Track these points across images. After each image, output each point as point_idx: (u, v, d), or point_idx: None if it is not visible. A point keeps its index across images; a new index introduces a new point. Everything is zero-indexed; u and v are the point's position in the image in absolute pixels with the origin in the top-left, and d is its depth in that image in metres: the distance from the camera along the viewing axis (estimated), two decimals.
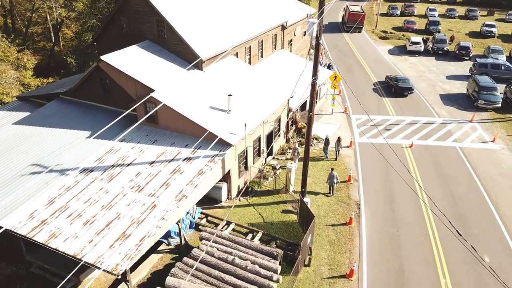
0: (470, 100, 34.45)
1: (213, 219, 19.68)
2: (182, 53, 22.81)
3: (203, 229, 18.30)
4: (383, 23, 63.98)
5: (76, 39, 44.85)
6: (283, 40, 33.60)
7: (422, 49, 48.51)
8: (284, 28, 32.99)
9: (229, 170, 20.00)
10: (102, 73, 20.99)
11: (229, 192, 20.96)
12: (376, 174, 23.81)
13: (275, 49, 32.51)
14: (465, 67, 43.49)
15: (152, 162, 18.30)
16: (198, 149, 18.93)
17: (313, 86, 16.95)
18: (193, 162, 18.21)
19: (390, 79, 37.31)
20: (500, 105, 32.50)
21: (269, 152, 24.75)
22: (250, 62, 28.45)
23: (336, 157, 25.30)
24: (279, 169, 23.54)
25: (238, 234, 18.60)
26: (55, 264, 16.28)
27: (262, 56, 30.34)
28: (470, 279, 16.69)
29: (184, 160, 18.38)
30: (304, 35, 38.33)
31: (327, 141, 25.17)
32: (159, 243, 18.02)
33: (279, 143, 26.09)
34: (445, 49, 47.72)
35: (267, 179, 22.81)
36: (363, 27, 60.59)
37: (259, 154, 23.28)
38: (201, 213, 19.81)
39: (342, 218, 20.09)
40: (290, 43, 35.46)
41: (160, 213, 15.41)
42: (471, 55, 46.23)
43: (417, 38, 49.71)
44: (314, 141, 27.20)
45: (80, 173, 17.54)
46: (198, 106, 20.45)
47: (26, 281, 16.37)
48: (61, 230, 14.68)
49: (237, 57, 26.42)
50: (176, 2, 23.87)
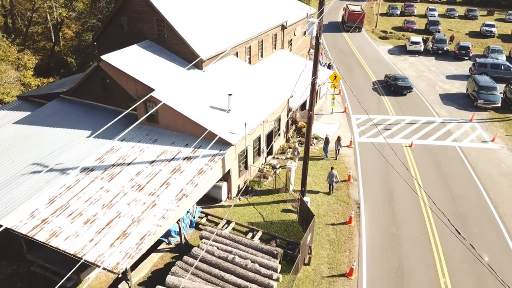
0: (470, 100, 34.51)
1: (213, 218, 19.74)
2: (182, 53, 22.87)
3: (203, 228, 18.36)
4: (383, 23, 64.03)
5: (77, 39, 44.90)
6: (283, 40, 33.66)
7: (422, 49, 48.55)
8: (284, 28, 33.04)
9: (229, 170, 20.06)
10: (103, 73, 21.04)
11: (229, 192, 21.02)
12: (376, 174, 23.86)
13: (275, 49, 32.56)
14: (465, 67, 43.54)
15: (153, 161, 18.35)
16: (198, 149, 18.98)
17: (313, 86, 17.00)
18: (193, 161, 18.27)
19: (389, 78, 37.39)
20: (500, 105, 32.57)
21: (269, 152, 24.81)
22: (250, 62, 28.50)
23: (336, 157, 25.36)
24: (279, 169, 23.60)
25: (238, 233, 18.65)
26: (56, 263, 16.32)
27: (262, 56, 30.40)
28: (470, 278, 16.75)
29: (184, 159, 18.44)
30: (304, 35, 38.39)
31: (327, 141, 25.23)
32: (160, 242, 18.07)
33: (279, 143, 26.15)
34: (445, 49, 47.77)
35: (267, 179, 22.87)
36: (363, 27, 60.65)
37: (259, 154, 23.33)
38: (201, 212, 19.86)
39: (342, 217, 20.15)
40: (290, 43, 35.51)
41: (161, 212, 15.47)
42: (471, 55, 46.29)
43: (417, 38, 49.76)
44: (314, 141, 27.26)
45: (81, 172, 17.60)
46: (198, 106, 20.50)
47: (27, 280, 16.42)
48: (62, 229, 14.73)
49: (237, 57, 26.48)
50: (176, 2, 23.93)
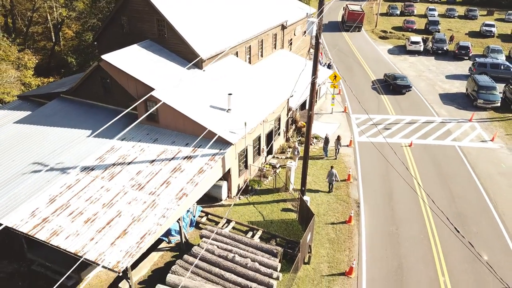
0: (469, 100, 34.55)
1: (214, 217, 19.79)
2: (183, 53, 22.92)
3: (204, 227, 18.41)
4: (383, 23, 64.08)
5: (77, 39, 44.94)
6: (283, 40, 33.71)
7: (422, 49, 48.59)
8: (284, 28, 33.09)
9: (229, 169, 20.11)
10: (103, 72, 21.09)
11: (229, 191, 21.06)
12: (376, 173, 23.91)
13: (275, 49, 32.61)
14: (465, 67, 43.59)
15: (153, 161, 18.41)
16: (199, 148, 19.03)
17: (313, 85, 17.03)
18: (194, 161, 18.32)
19: (388, 77, 37.58)
20: (499, 105, 32.61)
21: (269, 151, 24.86)
22: (250, 62, 28.55)
23: (336, 156, 25.41)
24: (279, 168, 23.66)
25: (238, 232, 18.70)
26: (57, 262, 16.38)
27: (262, 56, 30.45)
28: (469, 277, 16.80)
29: (185, 159, 18.49)
30: (304, 35, 38.43)
31: (327, 140, 25.27)
32: (160, 241, 18.11)
33: (279, 142, 26.20)
34: (445, 49, 47.82)
35: (267, 178, 22.92)
36: (363, 26, 60.73)
37: (259, 153, 23.38)
38: (202, 212, 19.91)
39: (342, 217, 20.20)
40: (290, 43, 35.56)
41: (161, 211, 15.52)
42: (471, 55, 46.33)
43: (417, 38, 49.81)
44: (314, 140, 27.31)
45: (81, 172, 17.65)
46: (199, 105, 20.55)
47: (28, 279, 16.47)
48: (63, 228, 14.79)
49: (237, 57, 26.52)
50: (177, 2, 23.98)
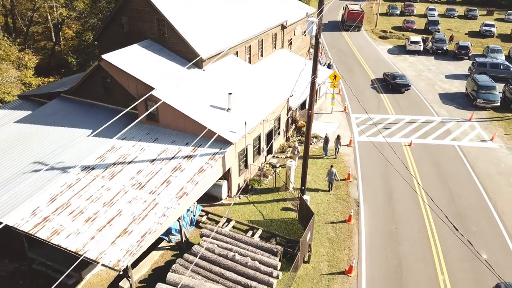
0: (469, 99, 34.60)
1: (214, 217, 19.85)
2: (183, 52, 22.97)
3: (204, 226, 18.46)
4: (383, 23, 64.14)
5: (77, 39, 44.98)
6: (283, 40, 33.76)
7: (422, 49, 48.65)
8: (284, 28, 33.14)
9: (229, 168, 20.16)
10: (103, 72, 21.14)
11: (230, 190, 21.12)
12: (375, 172, 23.97)
13: (275, 48, 32.66)
14: (464, 67, 43.64)
15: (153, 160, 18.46)
16: (199, 147, 19.08)
17: (313, 85, 17.09)
18: (194, 160, 18.38)
19: (388, 76, 37.87)
20: (499, 104, 32.66)
21: (269, 151, 24.91)
22: (250, 61, 28.60)
23: (336, 155, 25.46)
24: (279, 168, 23.71)
25: (239, 231, 18.76)
26: (57, 261, 16.41)
27: (262, 55, 30.50)
28: (468, 276, 16.85)
29: (185, 158, 18.54)
30: (304, 34, 38.48)
31: (327, 140, 25.32)
32: (160, 240, 18.16)
33: (279, 142, 26.25)
34: (445, 49, 47.86)
35: (267, 177, 22.97)
36: (362, 26, 60.83)
37: (259, 153, 23.43)
38: (202, 211, 19.96)
39: (342, 216, 20.25)
40: (290, 43, 35.61)
41: (161, 210, 15.58)
42: (470, 55, 46.38)
43: (417, 38, 49.86)
44: (314, 140, 27.36)
45: (82, 171, 17.71)
46: (199, 105, 20.61)
47: (29, 278, 16.52)
48: (63, 227, 14.84)
49: (237, 56, 26.58)
50: (177, 2, 24.03)
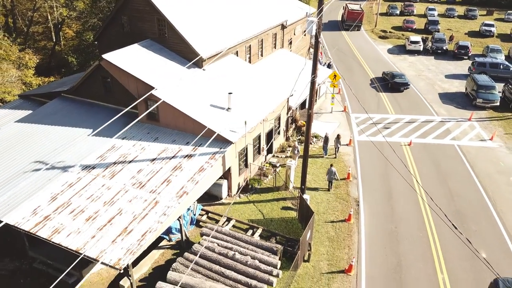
0: (469, 99, 34.66)
1: (214, 216, 19.91)
2: (183, 52, 23.03)
3: (204, 225, 18.52)
4: (383, 23, 64.20)
5: (77, 39, 45.07)
6: (283, 39, 33.81)
7: (421, 49, 48.73)
8: (284, 27, 33.20)
9: (230, 168, 20.22)
10: (104, 72, 21.20)
11: (230, 189, 21.18)
12: (375, 172, 24.02)
13: (275, 48, 32.72)
14: (464, 66, 43.70)
15: (153, 159, 18.52)
16: (199, 147, 19.14)
17: (313, 84, 17.15)
18: (194, 159, 18.44)
19: (387, 75, 38.08)
20: (498, 104, 32.72)
21: (269, 150, 24.96)
22: (250, 61, 28.66)
23: (336, 155, 25.52)
24: (279, 167, 23.77)
25: (239, 230, 18.82)
26: (58, 260, 16.47)
27: (262, 55, 30.55)
28: (468, 275, 16.91)
29: (185, 157, 18.60)
30: (304, 34, 38.54)
31: (327, 139, 25.38)
32: (161, 239, 18.22)
33: (279, 141, 26.31)
34: (444, 49, 47.92)
35: (267, 177, 23.03)
36: (362, 26, 60.93)
37: (259, 152, 23.49)
38: (202, 210, 20.02)
39: (341, 215, 20.31)
40: (290, 42, 35.66)
41: (162, 209, 15.63)
42: (470, 54, 46.44)
43: (417, 38, 49.92)
44: (314, 139, 27.41)
45: (82, 170, 17.77)
46: (199, 104, 20.66)
47: (30, 277, 16.58)
48: (64, 226, 14.90)
49: (237, 56, 26.63)
50: (177, 1, 24.08)
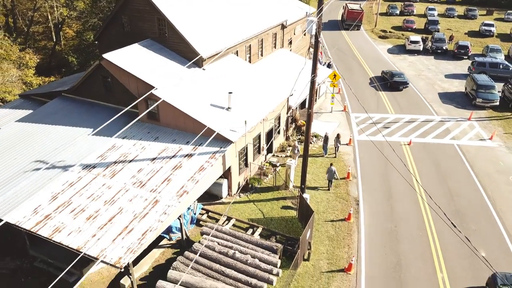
0: (468, 99, 34.71)
1: (214, 215, 19.96)
2: (183, 52, 23.08)
3: (204, 225, 18.57)
4: (383, 23, 64.24)
5: (77, 38, 45.13)
6: (283, 39, 33.86)
7: (421, 48, 48.79)
8: (284, 27, 33.24)
9: (230, 167, 20.27)
10: (104, 71, 21.25)
11: (230, 189, 21.23)
12: (375, 171, 24.08)
13: (275, 48, 32.77)
14: (464, 66, 43.76)
15: (154, 159, 18.57)
16: (199, 146, 19.19)
17: (312, 84, 17.20)
18: (194, 159, 18.49)
19: (386, 74, 38.35)
20: (498, 103, 32.79)
21: (269, 150, 25.02)
22: (250, 61, 28.71)
23: (335, 154, 25.57)
24: (279, 166, 23.82)
25: (239, 229, 18.87)
26: (59, 259, 16.51)
27: (262, 55, 30.61)
28: (467, 274, 16.96)
29: (185, 157, 18.65)
30: (304, 34, 38.59)
31: (326, 139, 25.44)
32: (161, 238, 18.27)
33: (279, 141, 26.36)
34: (444, 48, 47.96)
35: (267, 176, 23.08)
36: (362, 26, 61.04)
37: (259, 152, 23.55)
38: (202, 209, 20.08)
39: (341, 214, 20.37)
40: (290, 42, 35.71)
41: (162, 208, 15.69)
42: (470, 54, 46.49)
43: (416, 37, 49.97)
44: (314, 139, 27.46)
45: (83, 169, 17.82)
46: (199, 104, 20.72)
47: (30, 275, 16.63)
48: (65, 225, 14.96)
49: (238, 56, 26.68)
50: (177, 1, 24.13)
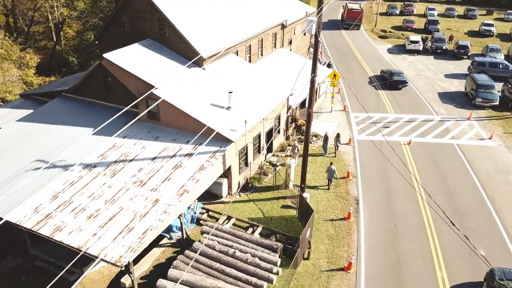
0: (468, 98, 34.77)
1: (214, 214, 20.01)
2: (183, 51, 23.13)
3: (204, 224, 18.61)
4: (383, 22, 64.29)
5: (78, 38, 45.18)
6: (283, 39, 33.91)
7: (421, 48, 48.86)
8: (284, 27, 33.30)
9: (230, 166, 20.33)
10: (105, 71, 21.30)
11: (230, 188, 21.29)
12: (375, 171, 24.13)
13: (275, 48, 32.82)
14: (464, 66, 43.82)
15: (154, 158, 18.63)
16: (199, 145, 19.24)
17: (312, 83, 17.26)
18: (194, 158, 18.54)
19: (385, 73, 38.54)
20: (498, 103, 32.85)
21: (269, 149, 25.07)
22: (250, 60, 28.76)
23: (335, 153, 25.62)
24: (279, 166, 23.87)
25: (239, 229, 18.93)
26: (60, 258, 16.56)
27: (262, 55, 30.66)
28: (466, 273, 17.02)
29: (186, 156, 18.71)
30: (304, 34, 38.65)
31: (326, 138, 25.50)
32: (161, 237, 18.32)
33: (279, 140, 26.41)
34: (444, 48, 48.02)
35: (267, 176, 23.14)
36: (362, 26, 61.13)
37: (259, 151, 23.61)
38: (202, 208, 20.13)
39: (341, 213, 20.42)
40: (290, 42, 35.76)
41: (162, 207, 15.75)
42: (470, 54, 46.55)
43: (416, 37, 50.03)
44: (314, 139, 27.51)
45: (84, 169, 17.88)
46: (199, 103, 20.77)
47: (31, 274, 16.69)
48: (66, 224, 15.01)
49: (238, 55, 26.74)
50: (177, 1, 24.19)
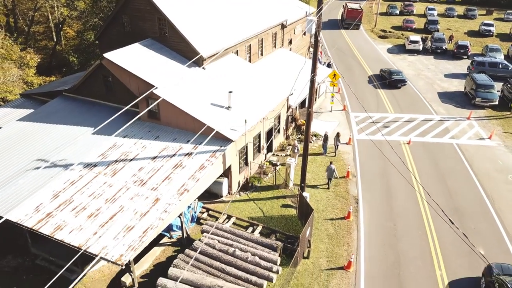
0: (468, 98, 34.82)
1: (214, 213, 20.07)
2: (183, 51, 23.19)
3: (205, 223, 18.67)
4: (382, 22, 64.36)
5: (78, 38, 45.23)
6: (283, 39, 33.97)
7: (421, 48, 48.93)
8: (284, 27, 33.35)
9: (230, 166, 20.39)
10: (105, 71, 21.35)
11: (230, 187, 21.34)
12: (374, 170, 24.19)
13: (275, 48, 32.88)
14: (463, 66, 43.87)
15: (155, 157, 18.69)
16: (200, 145, 19.30)
17: (312, 83, 17.31)
18: (195, 157, 18.60)
19: (384, 72, 38.74)
20: (497, 103, 32.91)
21: (269, 149, 25.13)
22: (250, 60, 28.82)
23: (335, 153, 25.68)
24: (279, 165, 23.93)
25: (239, 228, 18.97)
26: (60, 256, 16.61)
27: (262, 54, 30.71)
28: (466, 272, 17.08)
29: (186, 155, 18.77)
30: (304, 34, 38.70)
31: (326, 138, 25.56)
32: (161, 236, 18.39)
33: (279, 140, 26.47)
34: (444, 48, 48.07)
35: (267, 175, 23.20)
36: (362, 26, 61.24)
37: (259, 150, 23.66)
38: (202, 207, 20.19)
39: (341, 213, 20.48)
40: (290, 42, 35.82)
41: (163, 206, 15.81)
42: (469, 54, 46.60)
43: (416, 37, 50.09)
44: (313, 138, 27.57)
45: (84, 168, 17.93)
46: (199, 103, 20.83)
47: (32, 273, 16.75)
48: (66, 223, 15.07)
49: (238, 55, 26.79)
50: (178, 1, 24.24)
